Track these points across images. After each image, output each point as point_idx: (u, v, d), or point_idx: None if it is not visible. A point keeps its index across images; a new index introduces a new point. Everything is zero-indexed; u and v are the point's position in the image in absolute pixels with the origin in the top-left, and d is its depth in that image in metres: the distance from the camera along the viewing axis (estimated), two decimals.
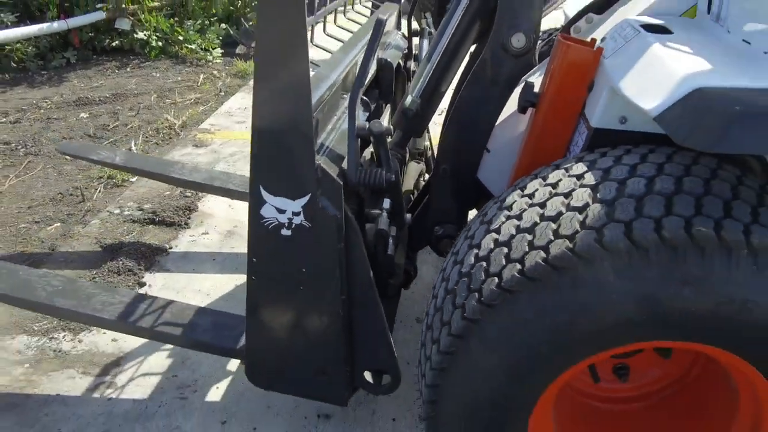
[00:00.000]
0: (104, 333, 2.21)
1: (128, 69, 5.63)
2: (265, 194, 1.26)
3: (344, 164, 1.37)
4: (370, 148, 1.67)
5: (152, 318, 1.79)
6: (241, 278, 2.54)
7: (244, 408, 1.88)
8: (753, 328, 0.97)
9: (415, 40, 2.52)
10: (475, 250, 1.16)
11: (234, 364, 2.05)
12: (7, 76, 5.43)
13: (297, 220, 1.28)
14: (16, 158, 3.76)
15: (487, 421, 1.15)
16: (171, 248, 2.73)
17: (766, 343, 0.99)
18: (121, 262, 2.57)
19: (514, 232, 1.10)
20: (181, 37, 5.98)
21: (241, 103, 4.74)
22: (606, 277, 0.98)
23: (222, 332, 1.75)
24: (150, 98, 4.78)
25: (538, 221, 1.08)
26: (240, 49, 6.19)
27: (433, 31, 2.38)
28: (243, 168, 3.52)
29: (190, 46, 5.90)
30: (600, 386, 1.45)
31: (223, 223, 2.95)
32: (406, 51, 2.43)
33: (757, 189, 1.05)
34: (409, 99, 1.77)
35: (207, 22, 6.35)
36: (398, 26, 2.58)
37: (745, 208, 0.98)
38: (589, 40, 1.51)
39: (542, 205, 1.11)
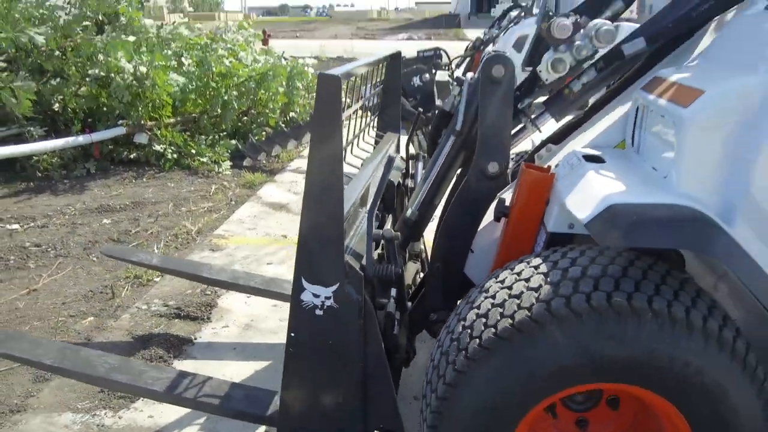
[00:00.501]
0: (141, 411, 2.55)
1: (144, 179, 6.20)
2: (305, 283, 1.70)
3: (363, 261, 1.82)
4: (380, 249, 2.13)
5: (194, 391, 2.15)
6: (259, 365, 2.91)
7: None
8: (661, 369, 1.39)
9: (411, 161, 3.07)
10: (462, 322, 1.59)
11: None
12: (32, 184, 5.99)
13: (328, 302, 1.71)
14: (47, 259, 4.19)
15: None
16: (196, 339, 3.11)
17: (673, 379, 1.40)
18: (152, 350, 2.94)
19: (489, 307, 1.54)
20: (193, 151, 6.61)
21: (251, 211, 5.26)
22: (554, 335, 1.41)
23: (253, 402, 2.12)
24: (167, 206, 5.30)
25: (507, 299, 1.52)
26: (247, 162, 6.82)
27: (425, 155, 2.93)
28: (256, 269, 3.96)
29: (201, 159, 6.52)
30: None
31: (240, 317, 3.34)
32: (404, 171, 2.96)
33: (662, 272, 1.51)
34: (409, 211, 2.26)
35: (217, 137, 7.03)
36: (398, 150, 3.12)
37: (650, 285, 1.43)
38: (546, 166, 2.02)
39: (509, 288, 1.56)
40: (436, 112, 2.60)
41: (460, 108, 2.12)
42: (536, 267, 1.59)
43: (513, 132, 2.17)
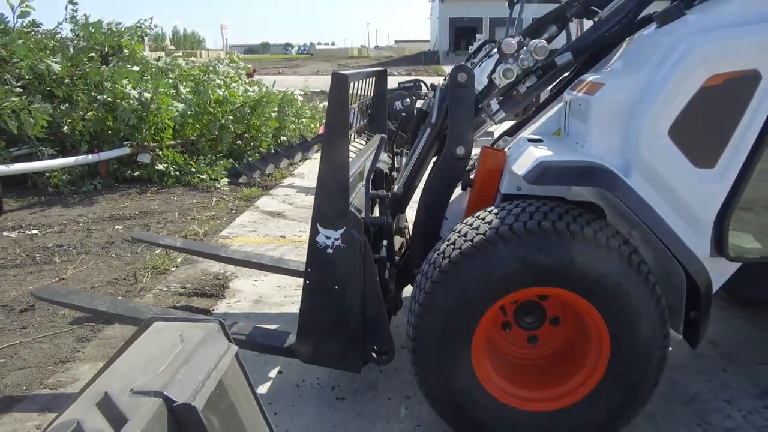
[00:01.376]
0: None
1: (148, 194, 6.73)
2: (319, 227, 2.27)
3: (363, 214, 2.41)
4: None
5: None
6: (270, 327, 3.44)
7: (284, 395, 2.71)
8: (579, 273, 1.99)
9: (396, 157, 3.68)
10: (437, 251, 2.17)
11: (273, 373, 2.90)
12: (43, 198, 6.49)
13: (337, 243, 2.28)
14: (70, 255, 4.69)
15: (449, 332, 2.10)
16: (213, 311, 3.63)
17: (588, 282, 1.99)
18: None
19: (456, 237, 2.13)
20: (193, 169, 7.17)
21: (251, 218, 5.80)
22: (501, 250, 2.00)
23: (273, 338, 2.66)
24: (173, 215, 5.83)
25: (468, 230, 2.11)
26: (243, 179, 7.38)
27: (406, 151, 3.54)
28: None
29: (201, 176, 7.08)
30: (521, 351, 2.41)
31: (250, 295, 3.87)
32: (390, 164, 3.57)
33: (579, 211, 2.11)
34: (395, 188, 2.86)
35: (214, 157, 7.59)
36: (385, 149, 3.73)
37: (569, 216, 2.04)
38: (501, 150, 2.64)
39: (471, 224, 2.15)
40: (416, 113, 3.21)
41: (434, 106, 2.74)
42: (490, 211, 2.18)
43: (476, 125, 2.78)
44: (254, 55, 69.20)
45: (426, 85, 11.22)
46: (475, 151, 2.69)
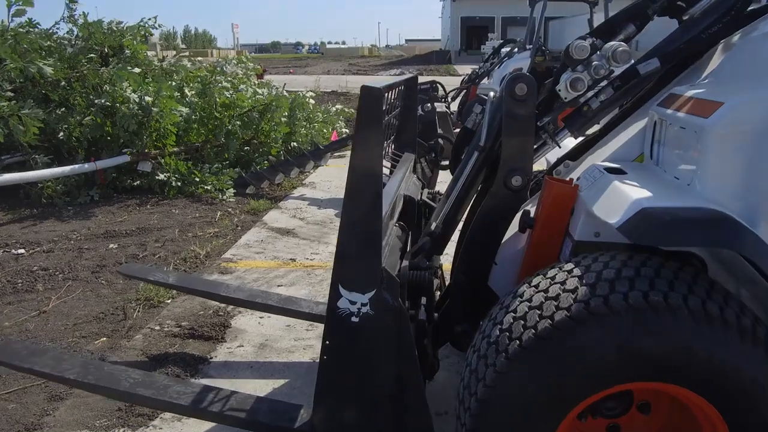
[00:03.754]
0: (160, 429, 2.53)
1: (148, 206, 6.22)
2: (342, 290, 1.73)
3: (397, 269, 1.86)
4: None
5: (220, 405, 2.15)
6: (277, 383, 2.91)
7: None
8: (698, 365, 1.43)
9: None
10: (499, 326, 1.62)
11: None
12: (36, 210, 6.00)
13: (364, 309, 1.73)
14: (55, 282, 4.18)
15: None
16: (212, 358, 3.10)
17: (711, 376, 1.44)
18: (168, 369, 2.93)
19: (527, 310, 1.58)
20: (197, 179, 6.65)
21: (258, 236, 5.27)
22: (595, 334, 1.45)
23: (280, 416, 2.12)
24: (173, 232, 5.31)
25: (544, 301, 1.56)
26: (250, 189, 6.86)
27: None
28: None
29: (205, 187, 6.56)
30: None
31: (255, 337, 3.34)
32: (421, 190, 3.02)
33: (690, 274, 1.56)
34: (433, 225, 2.31)
35: (220, 165, 7.08)
36: (414, 171, 3.19)
37: (683, 285, 1.48)
38: (568, 179, 2.09)
39: (545, 291, 1.59)
40: (458, 131, 2.66)
41: (484, 124, 2.19)
42: (569, 271, 1.63)
43: (534, 147, 2.23)
44: (265, 54, 68.83)
45: (443, 87, 10.70)
46: None
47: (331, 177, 7.74)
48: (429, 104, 7.15)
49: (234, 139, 7.26)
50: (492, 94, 2.21)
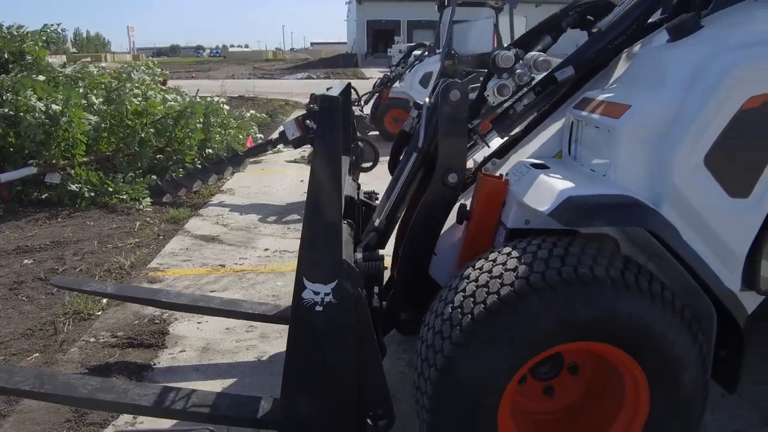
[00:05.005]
0: None
1: (59, 219, 6.01)
2: (306, 282, 1.89)
3: (353, 261, 2.05)
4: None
5: (182, 403, 2.25)
6: (226, 382, 3.01)
7: None
8: (621, 325, 1.73)
9: None
10: (451, 304, 1.85)
11: None
12: None
13: (327, 299, 1.91)
14: None
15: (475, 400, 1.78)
16: (155, 365, 3.15)
17: (629, 333, 1.74)
18: (114, 377, 2.95)
19: (475, 288, 1.82)
20: (110, 189, 6.50)
21: (182, 244, 5.27)
22: (535, 306, 1.71)
23: (243, 408, 2.25)
24: (91, 244, 5.19)
25: (489, 280, 1.81)
26: (167, 198, 6.77)
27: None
28: None
29: (120, 197, 6.42)
30: (539, 404, 2.13)
31: (196, 342, 3.41)
32: (358, 188, 3.22)
33: (609, 251, 1.86)
34: (377, 221, 2.52)
35: (133, 174, 6.93)
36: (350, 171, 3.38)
37: (604, 260, 1.78)
38: (498, 175, 2.36)
39: (489, 272, 1.84)
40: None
41: (421, 128, 2.43)
42: (508, 254, 1.89)
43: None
44: (164, 58, 66.38)
45: (356, 91, 10.87)
46: None
47: (248, 183, 7.76)
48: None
49: (147, 147, 7.14)
50: (427, 100, 2.45)
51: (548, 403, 2.15)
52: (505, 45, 12.40)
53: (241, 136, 9.31)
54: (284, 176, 8.20)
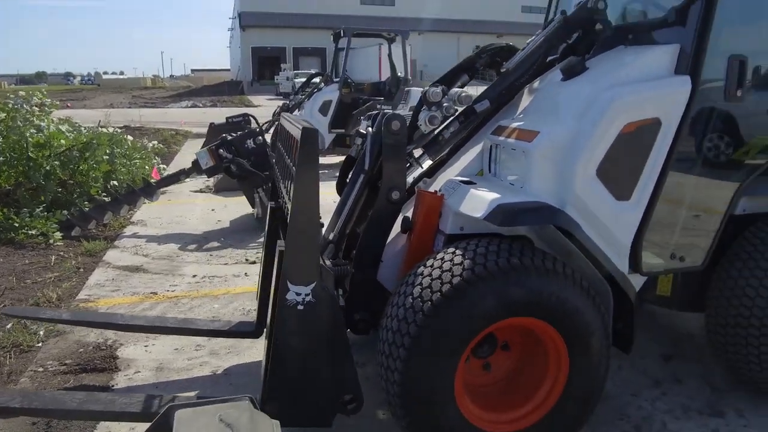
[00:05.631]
0: None
1: None
2: (290, 285, 2.26)
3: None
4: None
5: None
6: (190, 395, 3.23)
7: None
8: (546, 302, 2.25)
9: None
10: (410, 296, 2.30)
11: None
12: None
13: (308, 298, 2.28)
14: None
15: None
16: (114, 386, 3.32)
17: (552, 308, 2.26)
18: None
19: (430, 281, 2.28)
20: (16, 224, 6.34)
21: (106, 276, 5.33)
22: (481, 289, 2.19)
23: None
24: (8, 280, 5.12)
25: (441, 273, 2.27)
26: (76, 231, 6.68)
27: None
28: None
29: (29, 232, 6.29)
30: (481, 378, 2.61)
31: (148, 363, 3.60)
32: None
33: (530, 246, 2.39)
34: (331, 235, 2.91)
35: (37, 208, 6.77)
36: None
37: (528, 252, 2.30)
38: (433, 191, 2.85)
39: (440, 267, 2.31)
40: (345, 159, 3.28)
41: (367, 153, 2.87)
42: (453, 253, 2.37)
43: None
44: (29, 86, 62.22)
45: (256, 120, 10.99)
46: None
47: (158, 214, 7.78)
48: (260, 137, 7.59)
49: (52, 180, 7.02)
50: (370, 129, 2.90)
51: (488, 376, 2.64)
52: (399, 73, 13.06)
53: (147, 167, 9.29)
54: (194, 206, 8.31)
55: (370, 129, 2.92)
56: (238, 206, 7.91)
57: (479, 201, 2.46)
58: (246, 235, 6.71)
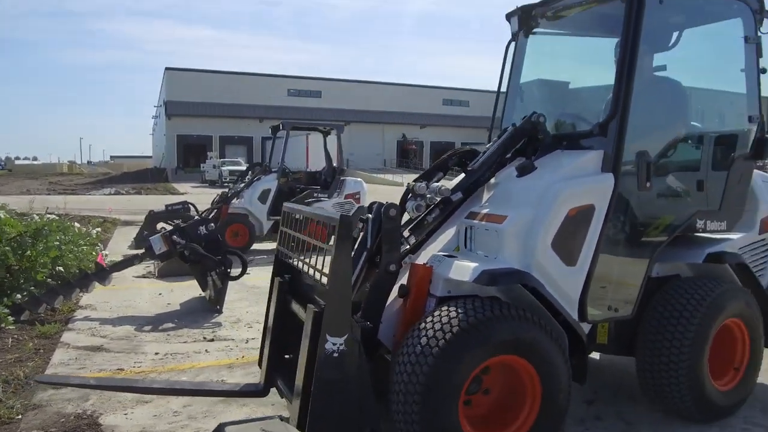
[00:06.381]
0: None
1: None
2: (328, 337, 2.81)
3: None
4: None
5: None
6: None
7: None
8: (523, 343, 2.93)
9: None
10: (419, 343, 2.91)
11: None
12: None
13: (341, 347, 2.84)
14: None
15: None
16: None
17: (528, 348, 2.94)
18: None
19: (434, 331, 2.90)
20: None
21: (69, 355, 5.46)
22: (471, 334, 2.85)
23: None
24: None
25: (443, 324, 2.90)
26: (25, 316, 6.67)
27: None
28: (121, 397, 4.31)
29: None
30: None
31: (131, 428, 3.87)
32: None
33: (506, 303, 3.09)
34: None
35: None
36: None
37: (505, 306, 3.00)
38: (423, 264, 3.52)
39: (440, 320, 2.94)
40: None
41: (369, 234, 3.51)
42: (448, 310, 2.99)
43: None
44: None
45: (195, 207, 11.26)
46: None
47: (106, 298, 7.82)
48: (212, 224, 8.00)
49: (1, 266, 7.10)
50: (369, 216, 3.56)
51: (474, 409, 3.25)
52: (334, 163, 13.73)
53: (93, 253, 9.47)
54: (140, 290, 8.43)
55: (369, 216, 3.59)
56: (184, 290, 8.18)
57: (465, 269, 3.14)
58: (199, 317, 6.95)
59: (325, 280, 3.06)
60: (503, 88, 4.65)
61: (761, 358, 4.11)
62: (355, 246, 3.53)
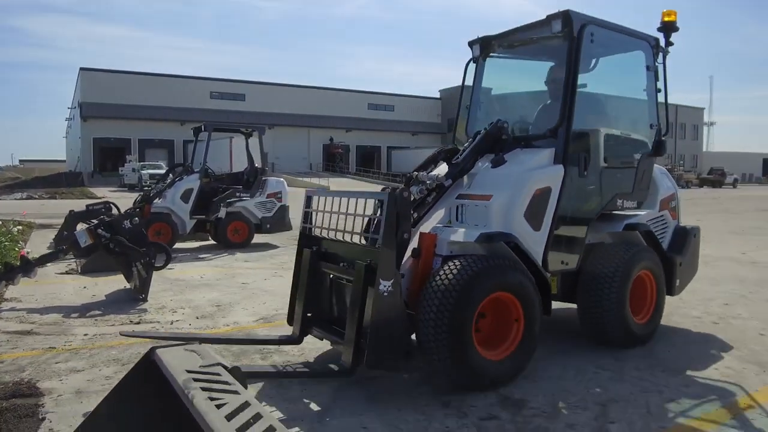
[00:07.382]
0: None
1: None
2: (381, 280, 3.95)
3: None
4: None
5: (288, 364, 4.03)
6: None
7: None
8: (513, 283, 4.22)
9: None
10: (443, 283, 4.13)
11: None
12: None
13: (390, 288, 3.98)
14: None
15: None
16: (43, 405, 3.98)
17: (505, 287, 4.23)
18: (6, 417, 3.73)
19: (451, 277, 4.13)
20: None
21: (1, 338, 5.63)
22: (477, 279, 4.09)
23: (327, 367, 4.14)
24: None
25: (456, 273, 4.13)
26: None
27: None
28: None
29: None
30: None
31: (67, 389, 4.29)
32: None
33: (497, 256, 4.37)
34: None
35: None
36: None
37: (499, 259, 4.28)
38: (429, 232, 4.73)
39: (452, 271, 4.16)
40: None
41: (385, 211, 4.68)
42: (455, 264, 4.22)
43: None
44: None
45: (117, 207, 11.12)
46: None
47: (30, 292, 7.86)
48: (137, 218, 8.23)
49: None
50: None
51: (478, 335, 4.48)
52: (256, 164, 13.96)
53: (16, 249, 9.91)
54: (64, 285, 8.49)
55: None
56: (109, 284, 8.37)
57: (467, 233, 4.38)
58: (125, 305, 7.15)
59: (363, 241, 4.24)
60: (465, 102, 5.99)
61: (664, 300, 5.64)
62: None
